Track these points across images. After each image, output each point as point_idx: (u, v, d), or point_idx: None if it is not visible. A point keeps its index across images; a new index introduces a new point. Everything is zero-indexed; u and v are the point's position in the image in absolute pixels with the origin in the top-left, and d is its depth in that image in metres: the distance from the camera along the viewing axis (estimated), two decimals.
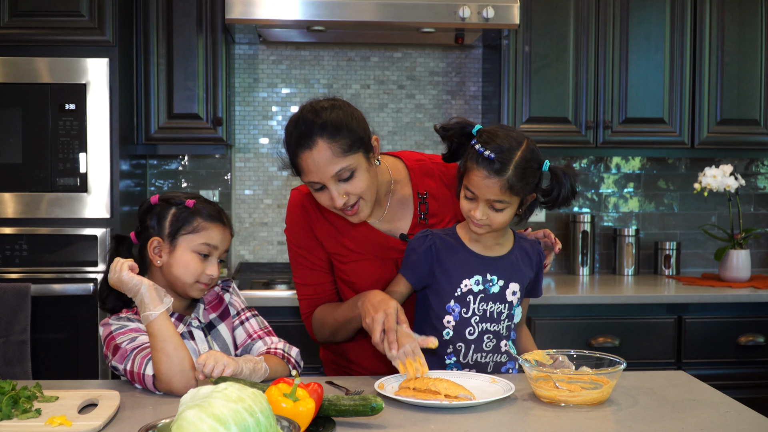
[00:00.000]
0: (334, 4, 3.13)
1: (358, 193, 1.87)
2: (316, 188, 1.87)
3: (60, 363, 3.02)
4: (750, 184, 3.96)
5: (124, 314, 1.88)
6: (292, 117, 1.89)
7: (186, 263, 1.87)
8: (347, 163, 1.83)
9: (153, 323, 1.73)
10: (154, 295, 1.75)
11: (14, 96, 3.00)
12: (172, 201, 1.90)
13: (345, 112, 1.87)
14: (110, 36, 3.03)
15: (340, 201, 1.85)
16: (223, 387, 1.23)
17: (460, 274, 1.89)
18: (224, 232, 1.91)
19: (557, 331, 3.19)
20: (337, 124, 1.83)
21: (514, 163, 1.78)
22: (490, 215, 1.82)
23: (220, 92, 3.35)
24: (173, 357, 1.71)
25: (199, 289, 1.89)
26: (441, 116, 3.83)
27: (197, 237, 1.87)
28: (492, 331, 1.91)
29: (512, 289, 1.92)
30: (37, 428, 1.47)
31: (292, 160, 1.88)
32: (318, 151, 1.81)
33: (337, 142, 1.82)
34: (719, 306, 3.30)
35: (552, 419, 1.60)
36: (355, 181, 1.86)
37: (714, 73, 3.54)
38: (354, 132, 1.84)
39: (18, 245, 3.00)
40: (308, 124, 1.83)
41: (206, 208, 1.90)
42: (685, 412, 1.65)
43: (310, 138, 1.82)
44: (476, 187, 1.80)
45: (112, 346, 1.81)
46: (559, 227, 3.89)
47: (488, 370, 1.93)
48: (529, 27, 3.46)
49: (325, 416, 1.54)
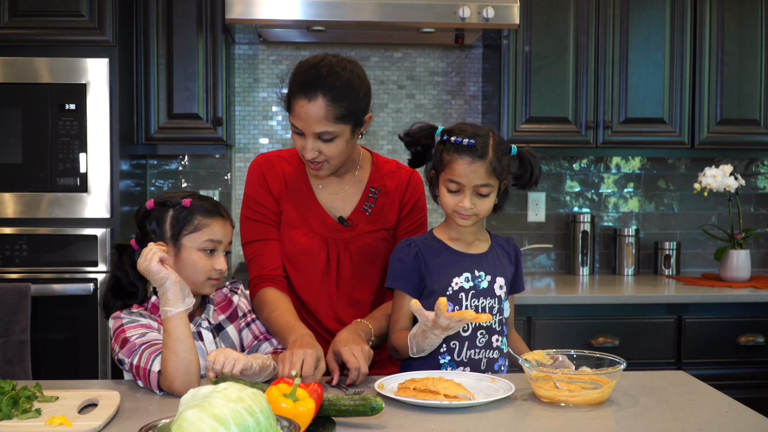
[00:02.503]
0: (334, 4, 3.13)
1: (327, 156, 1.96)
2: (296, 131, 1.96)
3: (60, 363, 3.02)
4: (750, 184, 3.96)
5: (136, 309, 1.88)
6: (312, 58, 1.98)
7: (194, 263, 1.87)
8: (333, 129, 1.92)
9: (169, 320, 1.73)
10: (177, 292, 1.74)
11: (14, 96, 3.00)
12: (168, 203, 1.89)
13: (355, 84, 1.94)
14: (110, 36, 3.03)
15: (311, 155, 1.95)
16: (223, 387, 1.23)
17: (449, 274, 1.93)
18: (225, 224, 1.92)
19: (557, 331, 3.19)
20: (343, 92, 1.91)
21: (492, 147, 1.87)
22: (476, 203, 1.88)
23: (220, 92, 3.35)
24: (182, 358, 1.71)
25: (210, 285, 1.90)
26: (441, 116, 3.83)
27: (200, 235, 1.87)
28: (484, 327, 1.94)
29: (499, 283, 1.96)
30: (37, 428, 1.47)
31: (288, 97, 1.96)
32: (314, 106, 1.89)
33: (335, 107, 1.89)
34: (719, 306, 3.30)
35: (552, 419, 1.60)
36: (331, 146, 1.94)
37: (714, 73, 3.54)
38: (353, 105, 1.93)
39: (18, 245, 3.00)
40: (319, 77, 1.91)
41: (203, 205, 1.90)
42: (685, 412, 1.65)
43: (313, 91, 1.89)
44: (462, 175, 1.86)
45: (120, 338, 1.80)
46: (559, 227, 3.90)
47: (481, 367, 1.94)
48: (529, 27, 3.46)
49: (325, 416, 1.54)
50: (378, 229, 2.11)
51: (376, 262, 2.11)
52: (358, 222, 2.10)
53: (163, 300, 1.74)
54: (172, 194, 1.92)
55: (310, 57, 2.00)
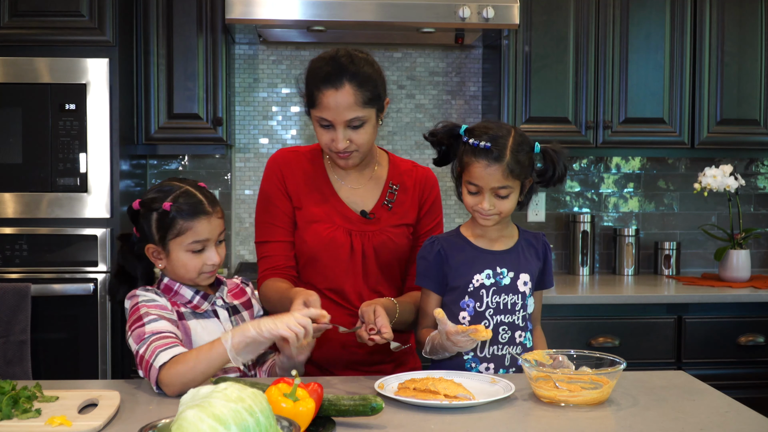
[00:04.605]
0: (334, 4, 3.13)
1: (358, 144, 2.00)
2: (324, 125, 1.99)
3: (60, 363, 3.02)
4: (750, 184, 3.96)
5: (151, 287, 1.89)
6: (325, 54, 2.01)
7: (184, 264, 1.87)
8: (363, 114, 1.96)
9: (216, 347, 1.70)
10: (242, 344, 1.70)
11: (14, 96, 3.00)
12: (151, 207, 1.87)
13: (375, 69, 2.01)
14: (110, 36, 3.03)
15: (342, 144, 1.98)
16: (223, 387, 1.23)
17: (470, 271, 1.94)
18: (210, 221, 1.87)
19: (557, 331, 3.19)
20: (367, 77, 1.97)
21: (510, 148, 1.86)
22: (496, 204, 1.89)
23: (220, 92, 3.35)
24: (194, 372, 1.69)
25: (206, 277, 1.90)
26: (441, 116, 3.83)
27: (184, 238, 1.86)
28: (507, 323, 1.95)
29: (523, 279, 1.97)
30: (37, 428, 1.47)
31: (311, 92, 1.98)
32: (342, 94, 1.94)
33: (362, 92, 1.95)
34: (719, 306, 3.30)
35: (552, 419, 1.60)
36: (360, 132, 1.99)
37: (714, 73, 3.54)
38: (377, 89, 1.99)
39: (18, 245, 3.00)
40: (342, 66, 1.95)
41: (184, 207, 1.85)
42: (685, 412, 1.65)
43: (339, 79, 1.94)
44: (479, 178, 1.87)
45: (135, 316, 1.80)
46: (559, 227, 3.90)
47: (505, 363, 1.96)
48: (529, 27, 3.46)
49: (325, 416, 1.54)
50: (399, 225, 2.14)
51: (398, 257, 2.14)
52: (380, 216, 2.13)
53: (237, 330, 1.71)
54: (157, 194, 1.89)
55: (322, 53, 2.04)
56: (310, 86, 1.99)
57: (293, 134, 3.80)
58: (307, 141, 3.80)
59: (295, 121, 3.80)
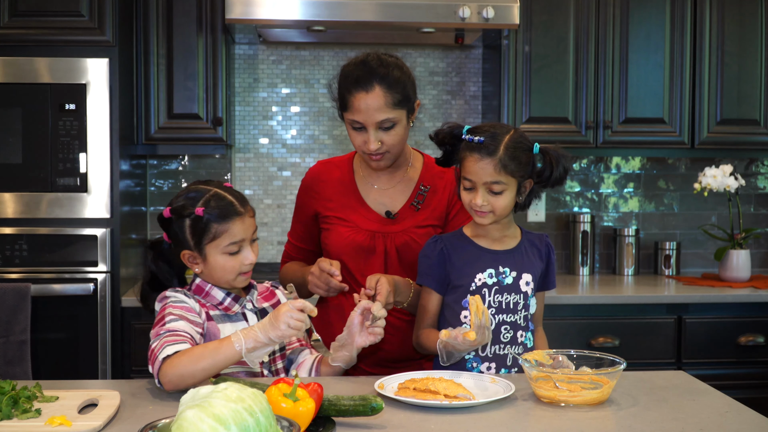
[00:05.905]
0: (334, 4, 3.13)
1: (390, 145, 2.07)
2: (356, 127, 2.06)
3: (60, 363, 3.02)
4: (750, 184, 3.96)
5: (181, 289, 1.90)
6: (355, 59, 2.08)
7: (222, 266, 1.87)
8: (393, 115, 2.03)
9: (225, 347, 1.71)
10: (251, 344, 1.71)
11: (14, 96, 3.00)
12: (183, 213, 1.87)
13: (404, 72, 2.08)
14: (110, 36, 3.03)
15: (374, 146, 2.05)
16: (223, 387, 1.23)
17: (472, 270, 1.95)
18: (243, 221, 1.87)
19: (557, 331, 3.19)
20: (397, 79, 2.04)
21: (504, 144, 1.88)
22: (490, 200, 1.89)
23: (220, 92, 3.35)
24: (195, 367, 1.69)
25: (243, 279, 1.90)
26: (441, 116, 3.83)
27: (221, 241, 1.85)
28: (509, 322, 1.95)
29: (525, 279, 1.97)
30: (37, 428, 1.47)
31: (343, 96, 2.06)
32: (373, 96, 2.01)
33: (392, 94, 2.02)
34: (719, 306, 3.30)
35: (552, 419, 1.60)
36: (392, 133, 2.06)
37: (714, 73, 3.54)
38: (407, 91, 2.06)
39: (18, 245, 3.00)
40: (372, 69, 2.03)
41: (217, 210, 1.85)
42: (685, 412, 1.65)
43: (369, 82, 2.01)
44: (472, 172, 1.89)
45: (160, 316, 1.81)
46: (559, 227, 3.90)
47: (507, 363, 1.96)
48: (529, 27, 3.46)
49: (325, 416, 1.54)
50: (425, 225, 2.16)
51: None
52: (405, 217, 2.16)
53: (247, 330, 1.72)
54: (186, 200, 1.88)
55: (351, 58, 2.11)
56: (342, 90, 2.06)
57: (293, 134, 3.80)
58: (307, 141, 3.80)
59: (295, 121, 3.80)
